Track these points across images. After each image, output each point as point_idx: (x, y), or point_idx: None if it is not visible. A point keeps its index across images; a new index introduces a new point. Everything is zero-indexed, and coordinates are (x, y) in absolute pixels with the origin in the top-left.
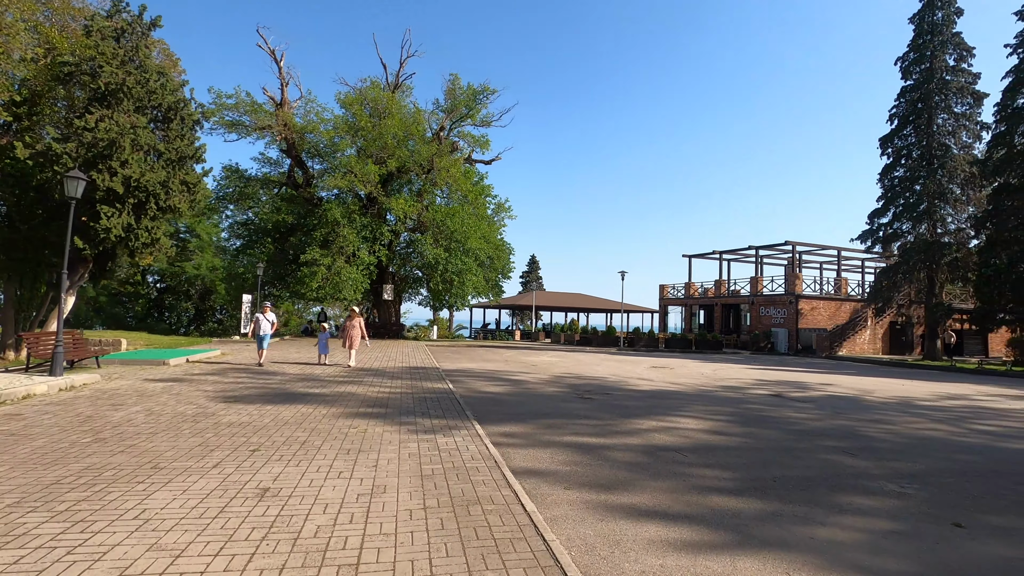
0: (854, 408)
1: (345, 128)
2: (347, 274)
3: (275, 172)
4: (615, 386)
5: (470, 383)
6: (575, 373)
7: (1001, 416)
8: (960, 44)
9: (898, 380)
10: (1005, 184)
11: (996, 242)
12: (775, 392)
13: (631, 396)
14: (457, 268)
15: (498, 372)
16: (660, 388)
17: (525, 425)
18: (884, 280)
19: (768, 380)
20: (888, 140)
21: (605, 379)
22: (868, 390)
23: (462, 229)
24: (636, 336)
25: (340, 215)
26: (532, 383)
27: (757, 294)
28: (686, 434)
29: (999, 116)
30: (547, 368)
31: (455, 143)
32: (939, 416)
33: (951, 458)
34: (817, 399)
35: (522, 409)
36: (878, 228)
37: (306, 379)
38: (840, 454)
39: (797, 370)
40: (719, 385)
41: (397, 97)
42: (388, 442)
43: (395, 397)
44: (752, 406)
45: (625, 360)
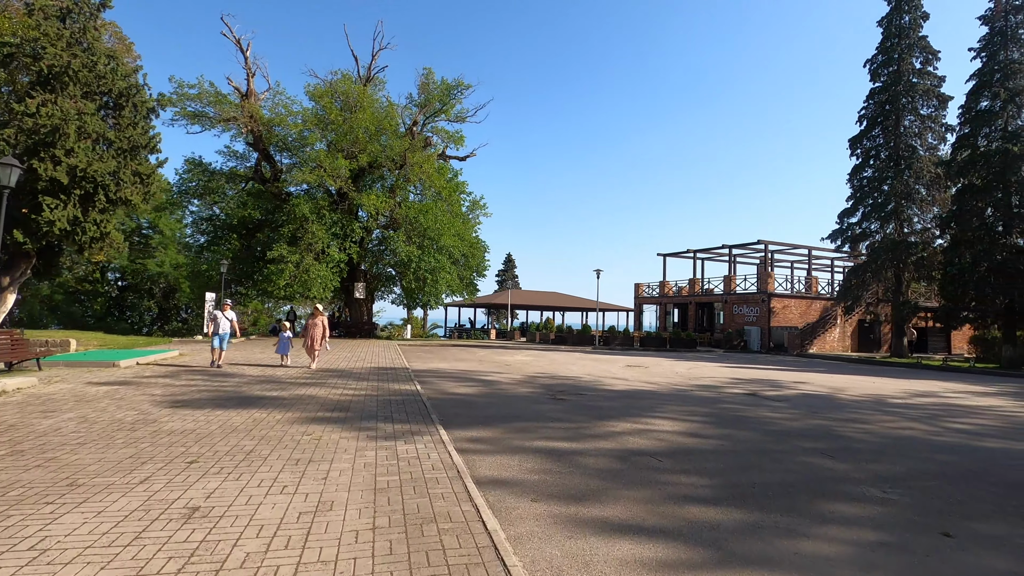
0: (829, 407)
1: (314, 121)
2: (316, 272)
3: (242, 166)
4: (589, 386)
5: (439, 384)
6: (549, 373)
7: (973, 414)
8: (926, 48)
9: (868, 378)
10: (969, 185)
11: (960, 241)
12: (750, 391)
13: (605, 397)
14: (430, 266)
15: (470, 372)
16: (635, 388)
17: (494, 429)
18: (853, 279)
19: (742, 378)
20: (857, 141)
21: (579, 379)
22: (841, 388)
23: (435, 226)
24: (611, 335)
25: (309, 211)
26: (504, 384)
27: (730, 293)
28: (661, 437)
29: (963, 118)
30: (520, 368)
31: (428, 138)
32: (913, 414)
33: (931, 459)
34: (792, 398)
35: (492, 412)
36: (847, 227)
37: (265, 381)
38: (819, 456)
39: (770, 368)
40: (694, 384)
41: (369, 91)
42: (343, 450)
43: (358, 400)
44: (728, 406)
45: (600, 359)
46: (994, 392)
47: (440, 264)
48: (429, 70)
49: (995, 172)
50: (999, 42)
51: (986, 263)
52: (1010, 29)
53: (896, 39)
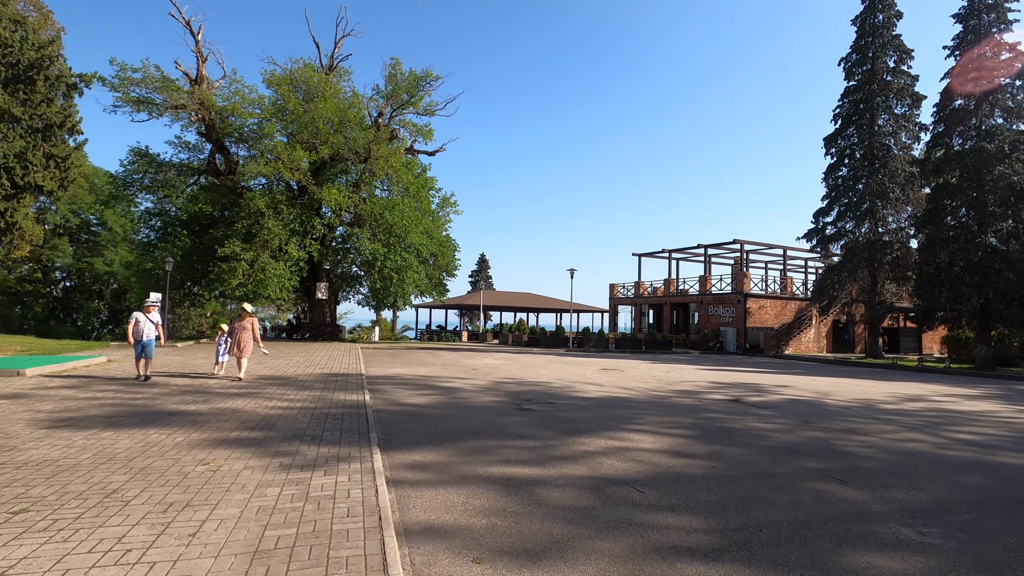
0: (819, 415)
1: (272, 111)
2: (272, 270)
3: (194, 158)
4: (560, 393)
5: (393, 393)
6: (518, 378)
7: (972, 421)
8: (900, 47)
9: (850, 380)
10: (944, 184)
11: (936, 241)
12: (732, 396)
13: (578, 406)
14: (396, 265)
15: (431, 378)
16: (610, 395)
17: (443, 450)
18: (829, 278)
19: (722, 382)
20: (832, 140)
21: (550, 385)
22: (825, 392)
23: (402, 223)
24: (586, 336)
25: (265, 205)
26: (467, 391)
27: (706, 293)
28: (641, 457)
29: (938, 117)
30: (488, 373)
31: (395, 131)
32: (911, 423)
33: (953, 482)
34: (778, 404)
35: (445, 427)
36: (823, 227)
37: (190, 392)
38: (828, 481)
39: (749, 370)
40: (673, 390)
41: (332, 80)
42: (239, 488)
43: (289, 415)
44: (712, 415)
45: (574, 362)
46: (981, 395)
47: (407, 263)
48: (396, 60)
49: (970, 171)
50: (972, 40)
51: (962, 262)
52: (983, 27)
53: (870, 38)
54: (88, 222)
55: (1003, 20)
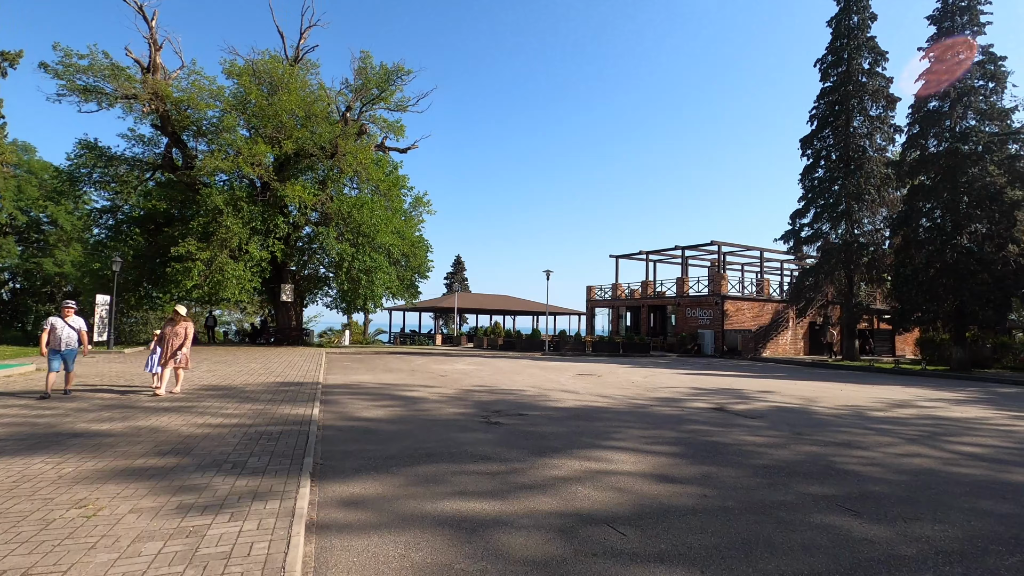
0: (810, 425)
1: (233, 103)
2: (231, 271)
3: (149, 153)
4: (533, 403)
5: (348, 405)
6: (489, 385)
7: (970, 430)
8: (874, 48)
9: (833, 384)
10: (920, 185)
11: (911, 242)
12: (716, 404)
13: (551, 418)
14: (365, 265)
15: (395, 387)
16: (587, 404)
17: (389, 479)
18: (805, 280)
19: (704, 388)
20: (808, 141)
21: (523, 392)
22: (811, 398)
23: (371, 222)
24: (562, 339)
25: (223, 202)
26: (430, 402)
27: (683, 295)
28: (621, 483)
29: (912, 118)
30: (458, 380)
31: (364, 126)
32: (907, 433)
33: (978, 510)
34: (765, 413)
35: (397, 447)
36: (800, 228)
37: (111, 408)
38: (839, 512)
39: (729, 374)
40: (653, 397)
41: (298, 72)
42: (110, 543)
43: (217, 435)
44: (697, 427)
45: (549, 366)
46: (967, 399)
47: (377, 264)
48: (367, 53)
49: (944, 172)
50: (947, 42)
51: (937, 264)
52: (957, 29)
53: (845, 39)
54: (38, 220)
55: (976, 23)
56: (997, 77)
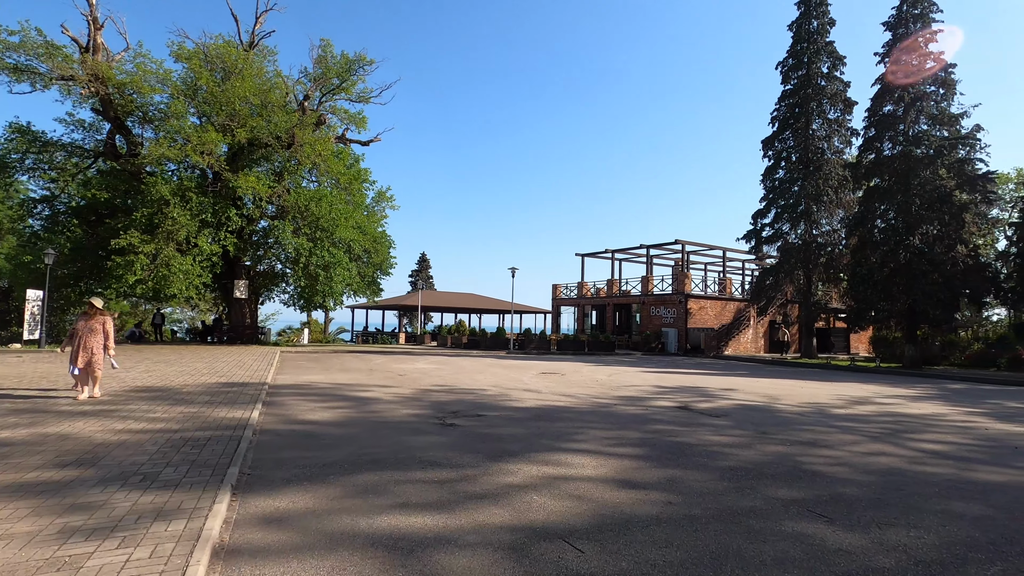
0: (774, 423)
1: (182, 88)
2: (178, 265)
3: (91, 139)
4: (493, 402)
5: (293, 407)
6: (448, 385)
7: (928, 427)
8: (833, 53)
9: (794, 382)
10: (875, 187)
11: (866, 243)
12: (680, 403)
13: (510, 419)
14: (323, 261)
15: (348, 387)
16: (548, 403)
17: (323, 490)
18: (766, 280)
19: (668, 386)
20: (769, 142)
21: (483, 392)
22: (774, 396)
23: (330, 216)
24: (527, 338)
25: (169, 192)
26: (384, 402)
27: (648, 294)
28: (581, 490)
29: (869, 121)
30: (416, 379)
31: (322, 116)
32: (869, 431)
33: (951, 512)
34: (729, 411)
35: (340, 453)
36: (761, 228)
37: (19, 412)
38: (810, 518)
39: (692, 372)
40: (617, 396)
41: (253, 59)
42: None
43: (134, 442)
44: (661, 426)
45: (513, 365)
46: (921, 395)
47: (336, 259)
48: (327, 41)
49: (898, 175)
50: (901, 48)
51: (891, 264)
52: (911, 36)
53: (805, 43)
54: None
55: (928, 29)
56: (947, 83)
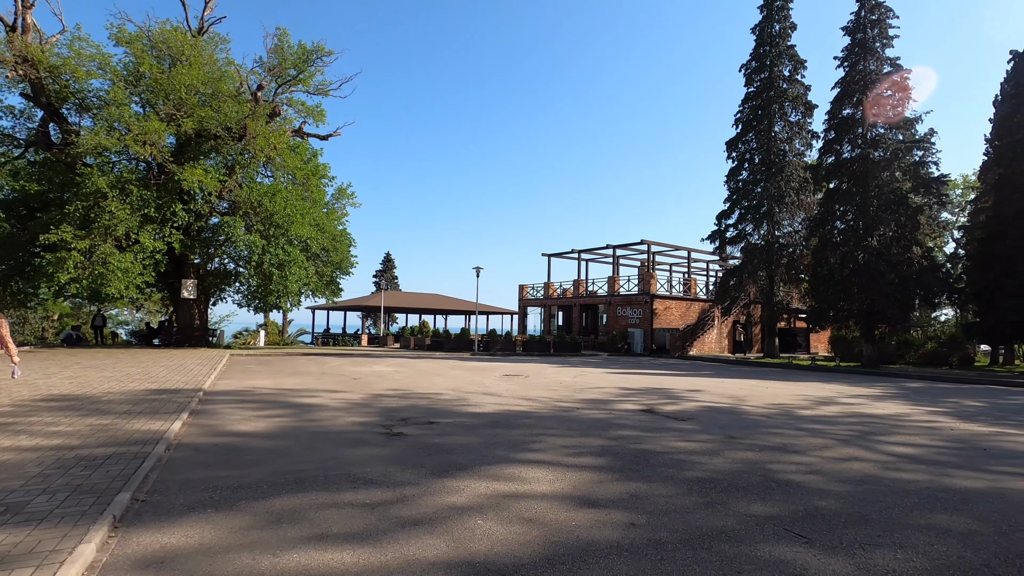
0: (741, 426)
1: (122, 74)
2: (116, 263)
3: (21, 127)
4: (449, 408)
5: (225, 416)
6: (403, 389)
7: (895, 428)
8: (794, 56)
9: (758, 382)
10: (835, 189)
11: (827, 244)
12: (646, 406)
13: (465, 426)
14: (277, 259)
15: (294, 392)
16: (508, 408)
17: (228, 519)
18: (730, 280)
19: (633, 388)
20: (734, 144)
21: (440, 396)
22: (739, 397)
23: (285, 212)
24: (492, 339)
25: (107, 185)
26: (328, 410)
27: (614, 294)
28: (533, 512)
29: (829, 124)
30: (371, 383)
31: (277, 107)
32: (837, 433)
33: (935, 528)
34: (695, 414)
35: (262, 470)
36: (725, 229)
37: None
38: (788, 540)
39: (658, 373)
40: (580, 399)
41: (202, 45)
42: None
43: (14, 463)
44: (625, 432)
45: (476, 367)
46: (883, 395)
47: (291, 257)
48: (283, 30)
49: (857, 177)
50: (859, 53)
51: (851, 264)
52: (869, 41)
53: (768, 47)
54: None
55: (885, 35)
56: (903, 89)
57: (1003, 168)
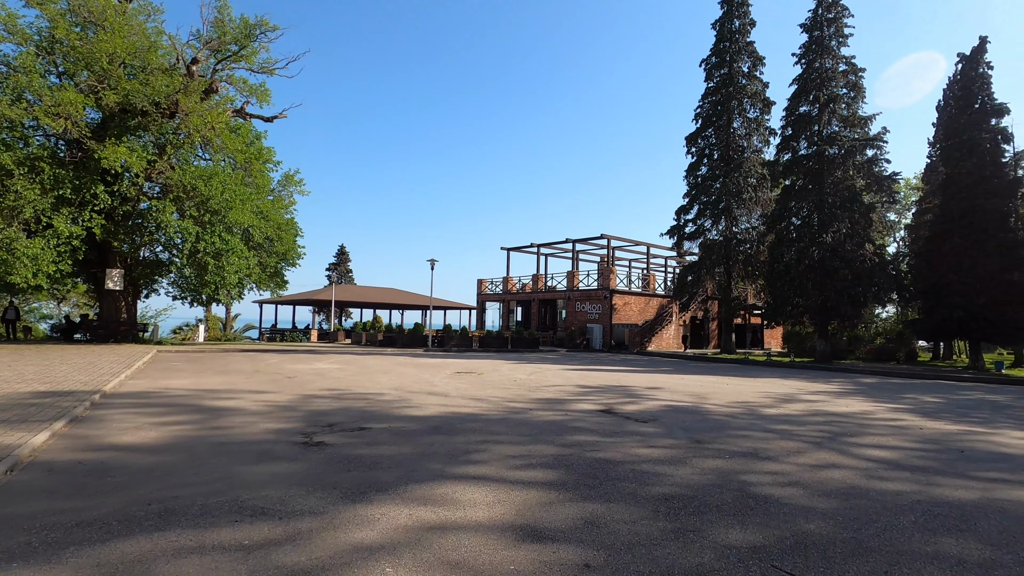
0: (707, 428)
1: (31, 36)
2: (23, 249)
3: None
4: (387, 411)
5: (113, 424)
6: (341, 389)
7: (864, 428)
8: (753, 53)
9: (718, 379)
10: (792, 185)
11: (783, 240)
12: (605, 406)
13: (400, 432)
14: (214, 248)
15: (212, 394)
16: (454, 410)
17: (49, 571)
18: (688, 276)
19: (592, 386)
20: (693, 139)
21: (380, 397)
22: (701, 394)
23: (222, 197)
24: (447, 334)
25: (12, 161)
26: (245, 414)
27: (573, 289)
28: (463, 552)
29: (786, 121)
30: (305, 383)
31: (214, 83)
32: (809, 435)
33: (946, 557)
34: (657, 415)
35: (125, 497)
36: (684, 224)
37: None
38: None
39: (617, 369)
40: (535, 399)
41: (131, 12)
42: None
43: None
44: (582, 437)
45: (427, 364)
46: (843, 391)
47: (229, 246)
48: (224, 2)
49: (813, 174)
50: (816, 50)
51: (807, 260)
52: (826, 39)
53: (728, 43)
54: None
55: (841, 34)
56: (857, 87)
57: (950, 168)
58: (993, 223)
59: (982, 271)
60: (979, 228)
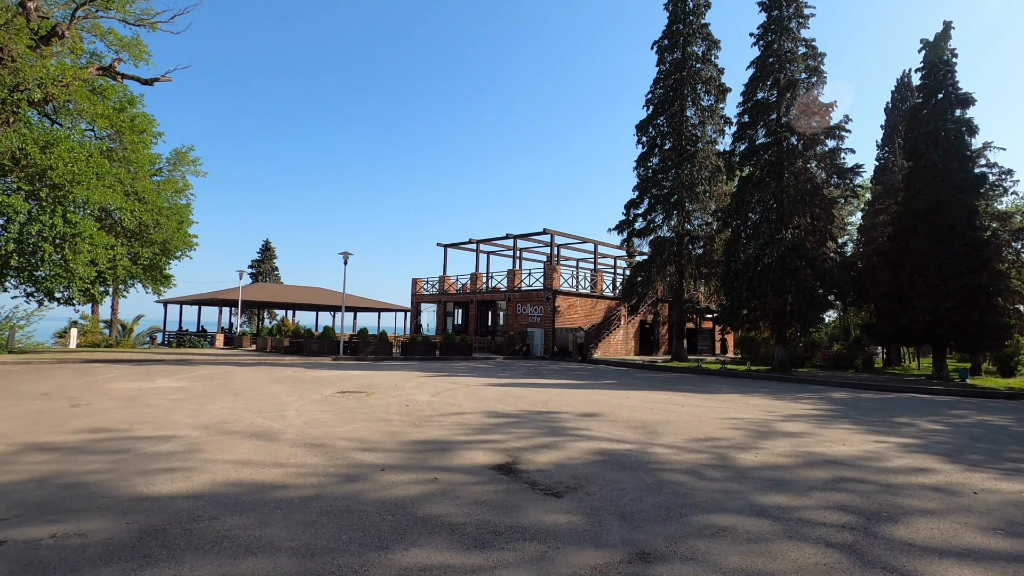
0: (659, 508)
1: None
2: None
3: None
4: (108, 485)
5: None
6: (113, 430)
7: (901, 499)
8: (708, 36)
9: (671, 395)
10: (749, 177)
11: (740, 236)
12: (507, 455)
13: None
14: (56, 231)
15: None
16: (244, 476)
17: None
18: (638, 275)
19: (507, 413)
20: (644, 127)
21: (150, 448)
22: (650, 426)
23: (68, 169)
24: (362, 340)
25: None
26: None
27: (514, 289)
28: None
29: (743, 108)
30: (75, 416)
31: (59, 25)
32: (823, 521)
33: None
34: (581, 473)
35: None
36: (634, 219)
37: None
38: None
39: (552, 384)
40: (410, 442)
41: None
42: None
43: None
44: (428, 551)
45: (313, 379)
46: (821, 414)
47: (77, 230)
48: None
49: (771, 165)
50: (776, 31)
51: (766, 259)
52: (785, 20)
53: (681, 24)
54: None
55: (800, 15)
56: (818, 72)
57: (914, 161)
58: (960, 220)
59: (949, 271)
60: (946, 225)
